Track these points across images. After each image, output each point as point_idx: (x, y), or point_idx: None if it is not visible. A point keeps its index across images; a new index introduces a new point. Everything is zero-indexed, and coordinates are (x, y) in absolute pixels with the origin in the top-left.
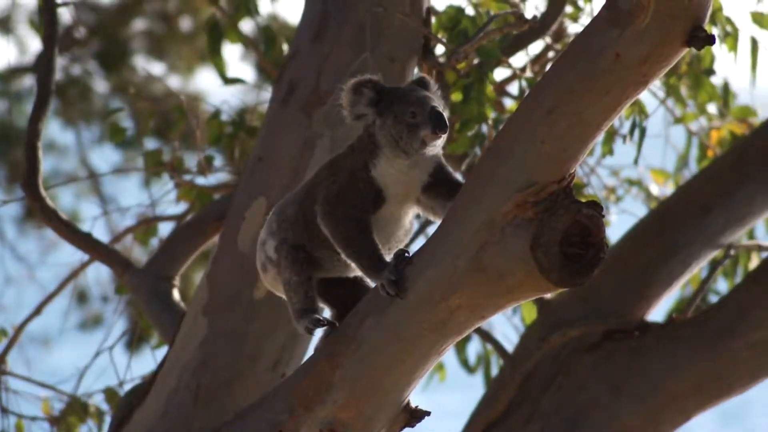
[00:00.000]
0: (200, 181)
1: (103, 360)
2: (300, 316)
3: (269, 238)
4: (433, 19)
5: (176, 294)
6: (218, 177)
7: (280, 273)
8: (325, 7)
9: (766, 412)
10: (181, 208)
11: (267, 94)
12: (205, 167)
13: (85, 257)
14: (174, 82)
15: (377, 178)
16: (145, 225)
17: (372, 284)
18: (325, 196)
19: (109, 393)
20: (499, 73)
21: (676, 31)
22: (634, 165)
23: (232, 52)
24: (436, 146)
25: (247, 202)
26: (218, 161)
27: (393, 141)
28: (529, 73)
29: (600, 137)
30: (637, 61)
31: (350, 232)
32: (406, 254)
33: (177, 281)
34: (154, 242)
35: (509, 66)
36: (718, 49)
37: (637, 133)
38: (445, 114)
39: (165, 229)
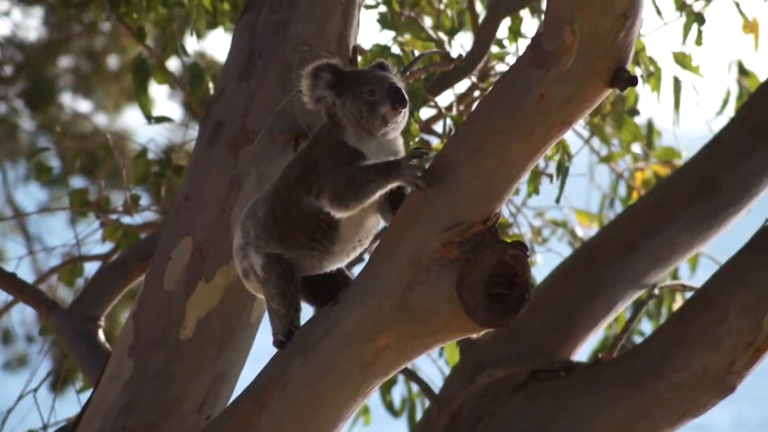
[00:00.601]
0: (126, 220)
1: (28, 402)
2: (279, 342)
3: (250, 248)
4: (360, 58)
5: (101, 335)
6: (145, 216)
7: (264, 291)
8: (252, 45)
9: None
10: (107, 247)
11: (194, 132)
12: (132, 206)
13: (9, 298)
14: (101, 120)
15: (356, 146)
16: (71, 265)
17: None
18: (322, 183)
19: None
20: (425, 112)
21: (599, 72)
22: (557, 204)
23: (159, 90)
24: (398, 123)
25: (174, 242)
26: (145, 200)
27: (354, 120)
28: (454, 112)
29: (525, 177)
30: (561, 102)
31: (351, 178)
32: (421, 151)
33: (102, 322)
34: (80, 282)
35: (435, 105)
36: (642, 89)
37: (560, 172)
38: (404, 91)
39: (91, 268)
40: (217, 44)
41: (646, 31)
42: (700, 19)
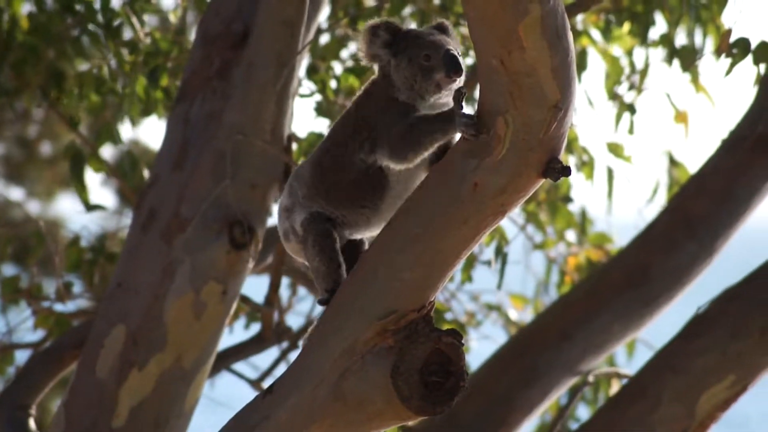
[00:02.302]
0: (59, 308)
1: None
2: (324, 300)
3: (296, 207)
4: (295, 145)
5: (32, 423)
6: (77, 304)
7: (304, 251)
8: (185, 134)
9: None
10: (38, 335)
11: (127, 220)
12: (64, 294)
13: None
14: (33, 207)
15: (408, 102)
16: (2, 353)
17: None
18: (377, 139)
19: None
20: None
21: (532, 163)
22: (498, 289)
23: (92, 177)
24: (452, 90)
25: (107, 330)
26: (77, 288)
27: (408, 84)
28: None
29: (460, 264)
30: (494, 192)
31: (409, 130)
32: (461, 90)
33: (34, 410)
34: (11, 370)
35: None
36: (576, 177)
37: (499, 258)
38: (461, 59)
39: (22, 356)
40: (151, 131)
41: (579, 120)
42: (631, 109)
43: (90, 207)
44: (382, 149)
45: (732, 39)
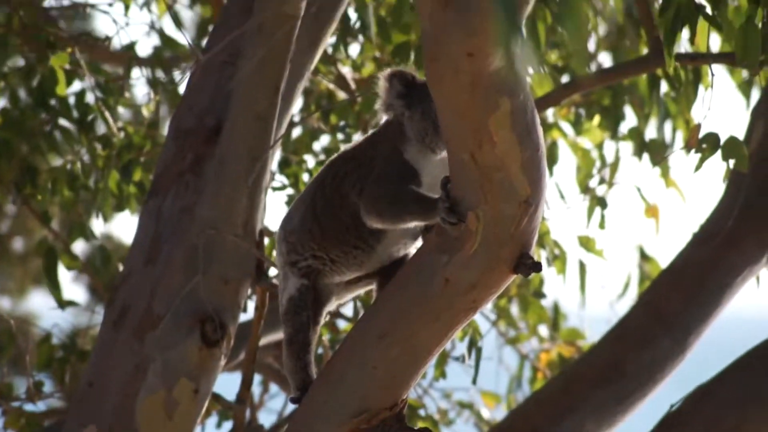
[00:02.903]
0: (29, 407)
1: None
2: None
3: (288, 273)
4: (267, 239)
5: None
6: (48, 403)
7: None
8: (157, 229)
9: None
10: None
11: (99, 316)
12: (35, 393)
13: None
14: (4, 303)
15: (411, 161)
16: None
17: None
18: (366, 186)
19: None
20: None
21: (504, 258)
22: (473, 384)
23: (64, 273)
24: None
25: (77, 430)
26: (48, 386)
27: (420, 137)
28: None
29: (433, 361)
30: (466, 287)
31: (394, 198)
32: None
33: None
34: None
35: None
36: (547, 271)
37: (473, 354)
38: None
39: None
40: (124, 225)
41: (550, 213)
42: (603, 203)
43: (63, 304)
44: (363, 199)
45: (701, 134)
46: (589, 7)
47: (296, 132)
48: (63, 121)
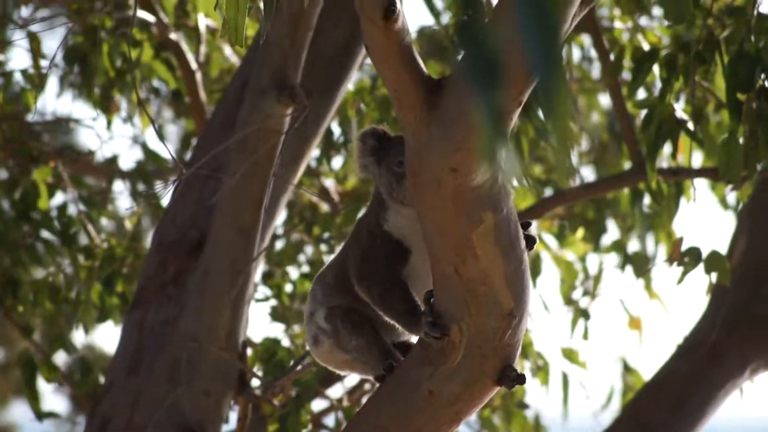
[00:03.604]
0: None
1: None
2: (380, 376)
3: (317, 309)
4: (250, 350)
5: None
6: None
7: (338, 344)
8: (140, 341)
9: None
10: None
11: (80, 427)
12: None
13: None
14: None
15: (392, 231)
16: None
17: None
18: (353, 262)
19: None
20: (317, 404)
21: (487, 371)
22: None
23: (45, 384)
24: None
25: None
26: None
27: (387, 191)
28: (346, 404)
29: None
30: (449, 399)
31: (382, 291)
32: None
33: None
34: None
35: (326, 397)
36: (531, 382)
37: None
38: None
39: None
40: (106, 336)
41: (534, 325)
42: (586, 314)
43: (41, 415)
44: (353, 274)
45: (684, 247)
46: (574, 121)
47: (280, 244)
48: (45, 233)
